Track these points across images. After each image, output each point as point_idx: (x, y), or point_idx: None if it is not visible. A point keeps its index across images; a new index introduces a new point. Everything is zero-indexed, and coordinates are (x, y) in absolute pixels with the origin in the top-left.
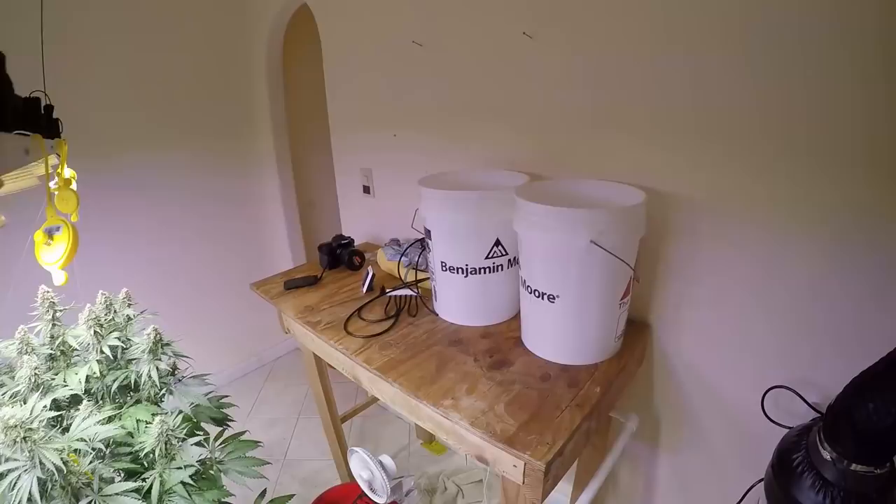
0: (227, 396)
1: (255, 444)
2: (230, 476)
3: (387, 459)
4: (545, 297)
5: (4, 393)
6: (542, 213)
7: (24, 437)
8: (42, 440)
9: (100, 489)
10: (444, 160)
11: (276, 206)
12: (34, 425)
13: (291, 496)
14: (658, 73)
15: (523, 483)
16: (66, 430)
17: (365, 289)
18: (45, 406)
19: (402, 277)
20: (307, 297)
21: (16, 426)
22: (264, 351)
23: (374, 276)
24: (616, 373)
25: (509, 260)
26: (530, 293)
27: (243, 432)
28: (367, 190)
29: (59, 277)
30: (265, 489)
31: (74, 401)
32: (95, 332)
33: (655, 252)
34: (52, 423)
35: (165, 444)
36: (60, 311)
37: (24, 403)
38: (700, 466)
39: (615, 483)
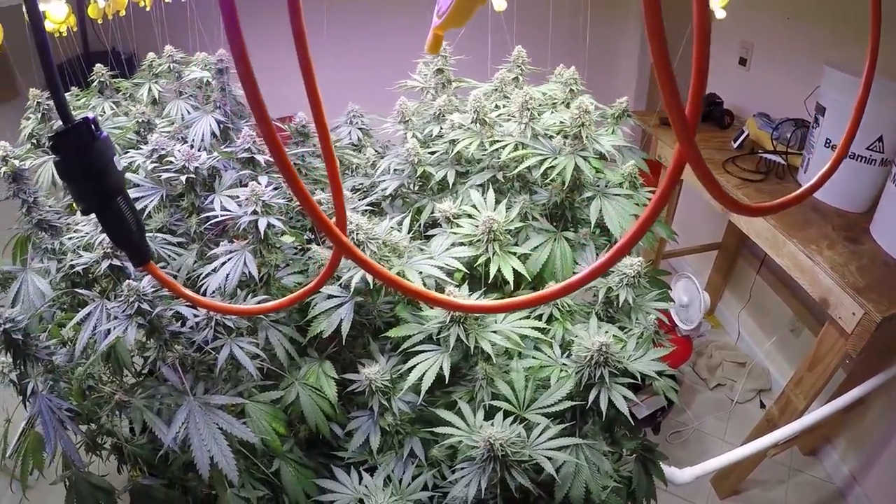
0: None
1: None
2: None
3: (706, 296)
4: None
5: None
6: None
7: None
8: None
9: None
10: (834, 53)
11: (631, 60)
12: None
13: None
14: None
15: (852, 333)
16: None
17: (736, 145)
18: None
19: (773, 146)
20: None
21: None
22: None
23: (747, 135)
24: None
25: (883, 159)
26: None
27: None
28: (742, 62)
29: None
30: None
31: None
32: None
33: None
34: None
35: None
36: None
37: None
38: None
39: (860, 420)
